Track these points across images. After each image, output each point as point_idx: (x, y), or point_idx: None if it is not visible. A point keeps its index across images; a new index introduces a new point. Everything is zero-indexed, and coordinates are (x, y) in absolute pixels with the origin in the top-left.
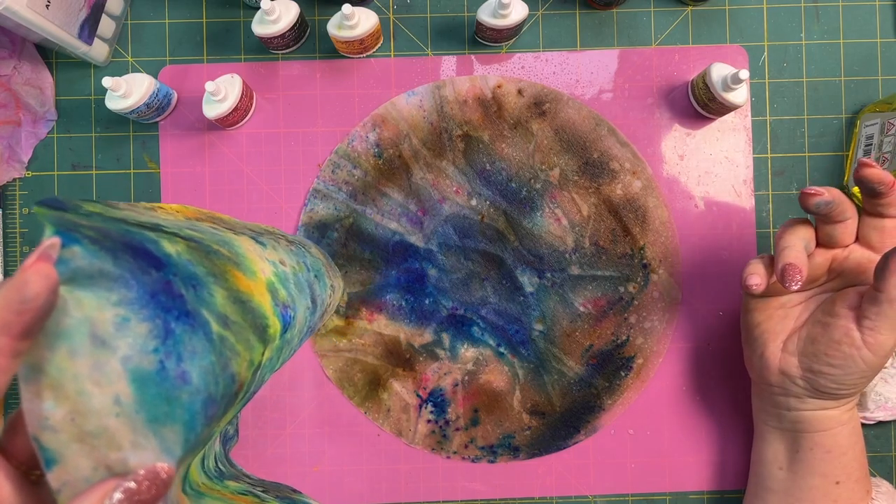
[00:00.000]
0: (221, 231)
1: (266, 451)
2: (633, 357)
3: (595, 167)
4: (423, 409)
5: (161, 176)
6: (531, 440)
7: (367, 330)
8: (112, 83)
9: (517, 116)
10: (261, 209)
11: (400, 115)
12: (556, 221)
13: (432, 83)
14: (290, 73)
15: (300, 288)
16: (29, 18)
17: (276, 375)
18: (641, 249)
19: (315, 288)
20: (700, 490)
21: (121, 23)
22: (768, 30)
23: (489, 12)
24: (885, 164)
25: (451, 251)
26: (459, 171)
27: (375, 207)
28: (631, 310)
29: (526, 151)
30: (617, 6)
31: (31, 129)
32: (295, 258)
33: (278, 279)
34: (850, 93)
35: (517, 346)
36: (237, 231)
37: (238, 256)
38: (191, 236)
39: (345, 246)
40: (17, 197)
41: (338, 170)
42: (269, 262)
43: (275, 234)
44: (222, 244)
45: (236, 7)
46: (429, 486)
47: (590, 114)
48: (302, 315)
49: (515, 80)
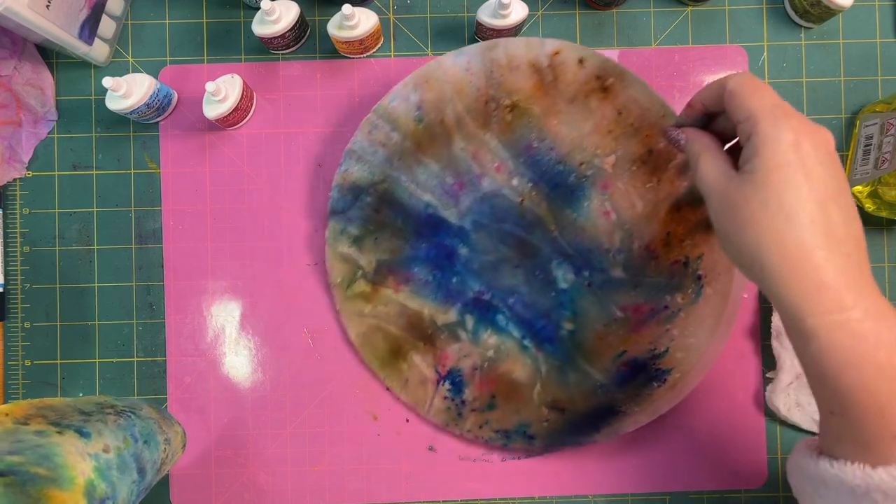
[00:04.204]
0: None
1: (266, 451)
2: (670, 371)
3: (659, 158)
4: (441, 385)
5: (161, 176)
6: (548, 432)
7: (392, 299)
8: (112, 83)
9: (575, 90)
10: (261, 209)
11: (445, 77)
12: (604, 215)
13: (482, 43)
14: (291, 73)
15: (123, 468)
16: (29, 19)
17: (276, 375)
18: (698, 258)
19: (144, 456)
20: (700, 490)
21: (121, 23)
22: (768, 30)
23: (489, 12)
24: (884, 165)
25: (484, 232)
26: (503, 146)
27: (411, 175)
28: (675, 322)
29: (581, 131)
30: (617, 6)
31: (32, 129)
32: (121, 435)
33: (98, 473)
34: (850, 93)
35: (543, 342)
36: (63, 426)
37: (57, 469)
38: (10, 465)
39: (377, 211)
40: (17, 197)
41: (375, 130)
42: (90, 457)
43: (104, 409)
44: (42, 462)
45: (236, 7)
46: (429, 486)
47: (658, 99)
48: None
49: (576, 48)
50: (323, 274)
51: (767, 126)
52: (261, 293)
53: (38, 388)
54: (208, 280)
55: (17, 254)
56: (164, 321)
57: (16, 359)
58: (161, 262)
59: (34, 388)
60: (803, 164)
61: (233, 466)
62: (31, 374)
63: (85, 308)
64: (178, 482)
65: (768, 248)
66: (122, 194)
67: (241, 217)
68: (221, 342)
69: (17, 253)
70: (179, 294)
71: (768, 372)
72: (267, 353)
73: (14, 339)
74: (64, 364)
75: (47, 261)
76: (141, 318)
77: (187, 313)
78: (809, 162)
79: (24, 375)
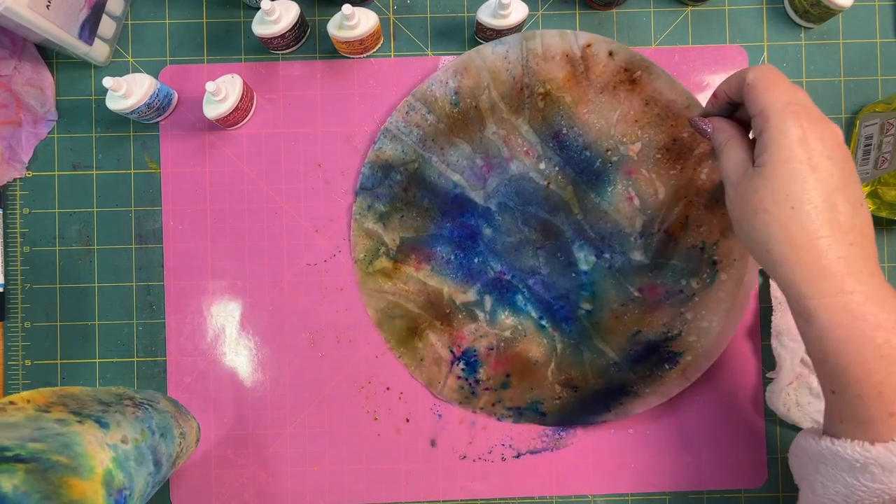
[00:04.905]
0: (66, 428)
1: (266, 451)
2: (682, 353)
3: (682, 147)
4: (455, 365)
5: (161, 176)
6: (560, 409)
7: (412, 277)
8: (113, 83)
9: (605, 81)
10: (261, 209)
11: (483, 64)
12: (627, 200)
13: (521, 34)
14: (291, 73)
15: (141, 460)
16: (30, 19)
17: (276, 375)
18: (714, 244)
19: (160, 448)
20: (700, 490)
21: (121, 23)
22: (768, 30)
23: (489, 12)
24: (884, 165)
25: (509, 213)
26: (533, 131)
27: (442, 156)
28: (690, 305)
29: (608, 120)
30: (617, 6)
31: (32, 129)
32: (139, 427)
33: (117, 463)
34: (850, 93)
35: (560, 322)
36: (84, 415)
37: (77, 458)
38: (32, 452)
39: (405, 190)
40: (17, 197)
41: (412, 112)
42: (109, 447)
43: (122, 400)
44: (62, 450)
45: (236, 7)
46: (429, 486)
47: (683, 91)
48: (142, 484)
49: (607, 41)
50: (323, 274)
51: (777, 122)
52: (261, 293)
53: (38, 388)
54: (208, 280)
55: (17, 254)
56: (164, 321)
57: (16, 359)
58: (161, 262)
59: (34, 389)
60: (809, 158)
61: (233, 466)
62: (31, 374)
63: (85, 308)
64: (178, 482)
65: (775, 236)
66: (122, 194)
67: (241, 217)
68: (221, 342)
69: (17, 253)
70: (179, 294)
71: (768, 372)
72: (267, 353)
73: (14, 339)
74: (64, 364)
75: (47, 261)
76: (141, 318)
77: (187, 313)
78: (816, 156)
79: (24, 375)
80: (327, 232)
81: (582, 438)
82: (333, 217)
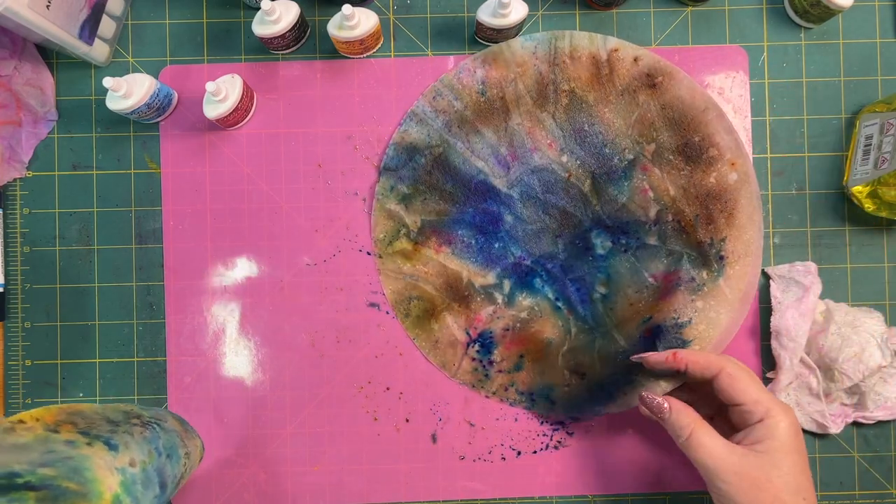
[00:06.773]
0: (75, 451)
1: (266, 451)
2: (691, 342)
3: (693, 150)
4: (470, 347)
5: (161, 176)
6: (568, 397)
7: (432, 259)
8: (113, 83)
9: (627, 84)
10: (261, 209)
11: (513, 58)
12: (642, 192)
13: (550, 32)
14: (291, 73)
15: (147, 483)
16: (30, 19)
17: (276, 375)
18: (722, 241)
19: (166, 470)
20: (700, 490)
21: (121, 23)
22: (768, 30)
23: (489, 12)
24: (884, 165)
25: (530, 202)
26: (557, 126)
27: (467, 143)
28: (700, 294)
29: (627, 120)
30: (617, 6)
31: (32, 129)
32: (146, 448)
33: (124, 488)
34: (850, 93)
35: (575, 304)
36: (92, 436)
37: (87, 484)
38: (42, 479)
39: (429, 174)
40: (17, 197)
41: (439, 97)
42: (117, 471)
43: (130, 419)
44: (72, 475)
45: (236, 7)
46: (429, 486)
47: (702, 95)
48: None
49: (634, 47)
50: (323, 274)
51: (778, 413)
52: (261, 293)
53: (38, 388)
54: (208, 280)
55: (17, 254)
56: (164, 321)
57: (16, 359)
58: (161, 262)
59: (34, 389)
60: (800, 447)
61: (233, 466)
62: (31, 374)
63: (85, 308)
64: None
65: None
66: (122, 194)
67: (241, 217)
68: (221, 342)
69: (17, 253)
70: (179, 294)
71: (768, 372)
72: (267, 353)
73: (14, 339)
74: (64, 364)
75: (47, 261)
76: (141, 318)
77: (187, 313)
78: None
79: (24, 375)
80: (327, 232)
81: (582, 438)
82: (333, 217)
